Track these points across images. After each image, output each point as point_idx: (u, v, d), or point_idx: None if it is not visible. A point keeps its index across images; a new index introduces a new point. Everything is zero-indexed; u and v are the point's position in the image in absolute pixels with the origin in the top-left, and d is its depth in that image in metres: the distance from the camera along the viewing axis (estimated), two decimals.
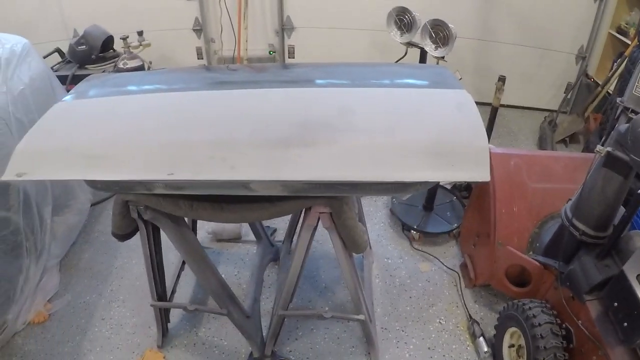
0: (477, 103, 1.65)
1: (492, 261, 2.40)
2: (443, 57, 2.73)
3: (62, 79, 3.46)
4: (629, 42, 3.72)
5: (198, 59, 5.11)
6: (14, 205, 2.47)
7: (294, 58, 5.04)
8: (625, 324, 1.67)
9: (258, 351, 2.30)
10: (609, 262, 1.89)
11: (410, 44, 2.97)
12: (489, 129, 2.75)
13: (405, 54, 3.11)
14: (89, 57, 3.71)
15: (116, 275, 2.98)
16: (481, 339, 2.35)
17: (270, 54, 5.00)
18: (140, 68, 3.71)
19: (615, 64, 3.78)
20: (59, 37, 4.40)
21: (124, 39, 3.72)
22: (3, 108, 2.40)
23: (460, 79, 2.07)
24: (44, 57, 3.53)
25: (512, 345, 2.17)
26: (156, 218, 1.87)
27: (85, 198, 3.30)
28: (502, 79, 2.69)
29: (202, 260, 2.12)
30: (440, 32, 2.70)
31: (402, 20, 2.92)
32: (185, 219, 2.06)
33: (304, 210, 1.82)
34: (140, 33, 3.89)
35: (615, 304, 1.73)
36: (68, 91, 2.05)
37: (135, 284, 2.88)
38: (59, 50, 3.93)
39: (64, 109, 1.81)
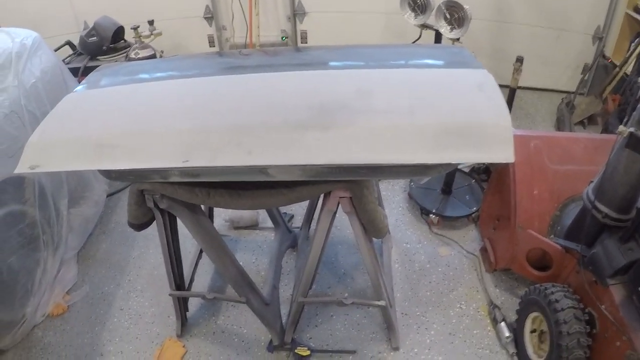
0: None
1: (513, 245, 2.36)
2: (458, 39, 2.68)
3: (74, 71, 3.45)
4: None
5: (210, 46, 5.07)
6: (30, 198, 2.48)
7: (306, 43, 4.97)
8: None
9: (277, 338, 2.29)
10: (632, 246, 1.83)
11: (424, 26, 2.92)
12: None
13: (420, 36, 3.06)
14: (100, 48, 3.70)
15: (134, 265, 2.99)
16: (502, 324, 2.31)
17: (282, 39, 4.95)
18: (152, 57, 3.68)
19: (632, 44, 3.69)
20: (70, 30, 4.40)
21: (135, 28, 3.69)
22: (16, 102, 2.39)
23: None
24: (55, 50, 3.52)
25: (534, 331, 2.14)
26: (172, 206, 1.85)
27: (101, 189, 3.31)
28: (519, 60, 2.63)
29: (220, 248, 2.10)
30: (455, 14, 2.65)
31: (416, 2, 2.86)
32: (202, 207, 2.04)
33: (323, 195, 1.79)
34: (151, 22, 3.86)
35: None
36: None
37: (153, 274, 2.88)
38: (70, 43, 3.92)
39: (75, 99, 1.80)
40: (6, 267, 2.34)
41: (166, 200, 1.80)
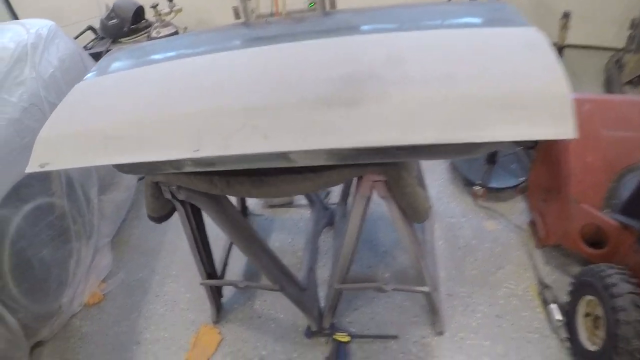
0: None
1: (565, 219, 2.18)
2: None
3: (97, 56, 3.36)
4: None
5: (235, 19, 4.91)
6: (57, 190, 2.45)
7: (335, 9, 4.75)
8: None
9: (315, 324, 2.19)
10: None
11: None
12: None
13: None
14: (121, 30, 3.62)
15: (168, 250, 2.94)
16: (553, 305, 2.13)
17: (310, 6, 4.75)
18: (174, 35, 3.58)
19: None
20: (91, 15, 4.30)
21: (154, 7, 3.58)
22: (35, 94, 2.34)
23: None
24: (77, 36, 3.47)
25: (588, 315, 1.94)
26: (191, 197, 1.74)
27: None
28: (566, 15, 2.40)
29: (249, 238, 1.97)
30: None
31: None
32: None
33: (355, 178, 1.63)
34: None
35: None
36: None
37: (187, 259, 2.79)
38: (91, 28, 3.86)
39: (84, 89, 1.69)
40: (37, 260, 2.33)
41: (184, 191, 1.69)
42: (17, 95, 2.29)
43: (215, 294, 2.38)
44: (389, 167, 1.48)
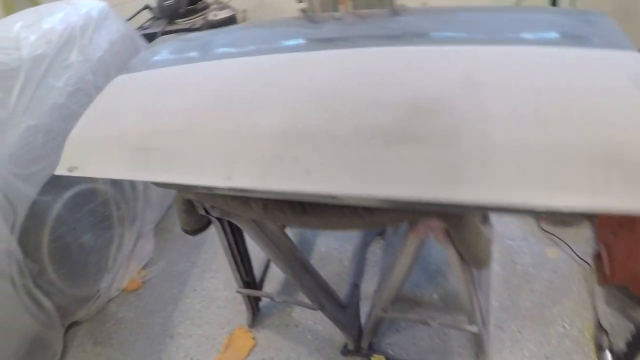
0: None
1: (636, 260, 1.97)
2: None
3: (152, 37, 3.32)
4: None
5: (299, 1, 4.73)
6: None
7: None
8: None
9: (353, 343, 2.08)
10: None
11: None
12: None
13: None
14: (177, 11, 3.52)
15: (211, 242, 2.88)
16: (608, 353, 1.92)
17: None
18: (232, 19, 3.47)
19: None
20: None
21: None
22: (82, 78, 2.30)
23: None
24: (133, 16, 3.41)
25: None
26: (227, 215, 1.62)
27: None
28: None
29: (289, 257, 1.82)
30: None
31: None
32: None
33: None
34: None
35: None
36: None
37: None
38: (148, 7, 3.78)
39: (121, 84, 1.56)
40: (77, 246, 2.32)
41: (218, 209, 1.57)
42: (63, 79, 2.26)
43: (252, 299, 2.30)
44: (451, 214, 1.28)
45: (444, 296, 2.35)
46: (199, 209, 1.61)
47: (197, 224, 1.70)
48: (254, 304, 2.32)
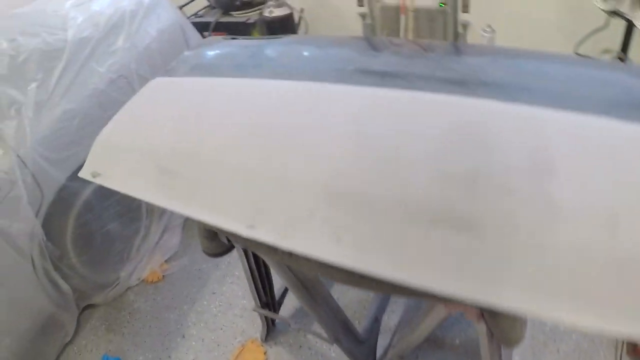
0: None
1: None
2: None
3: (206, 26, 3.25)
4: None
5: (358, 5, 4.57)
6: None
7: (467, 13, 4.27)
8: None
9: None
10: None
11: (614, 13, 2.26)
12: None
13: (605, 25, 2.41)
14: (232, 2, 3.41)
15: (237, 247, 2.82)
16: None
17: (440, 6, 4.33)
18: (288, 17, 3.36)
19: None
20: None
21: None
22: (126, 66, 2.24)
23: None
24: (187, 3, 3.34)
25: None
26: (249, 246, 1.52)
27: None
28: None
29: (309, 289, 1.71)
30: None
31: None
32: None
33: None
34: None
35: None
36: None
37: None
38: None
39: (160, 89, 1.44)
40: (102, 234, 2.29)
41: (241, 241, 1.46)
42: (106, 65, 2.21)
43: (269, 318, 2.23)
44: None
45: (466, 342, 2.20)
46: (221, 237, 1.52)
47: (218, 249, 1.61)
48: (269, 319, 2.24)
